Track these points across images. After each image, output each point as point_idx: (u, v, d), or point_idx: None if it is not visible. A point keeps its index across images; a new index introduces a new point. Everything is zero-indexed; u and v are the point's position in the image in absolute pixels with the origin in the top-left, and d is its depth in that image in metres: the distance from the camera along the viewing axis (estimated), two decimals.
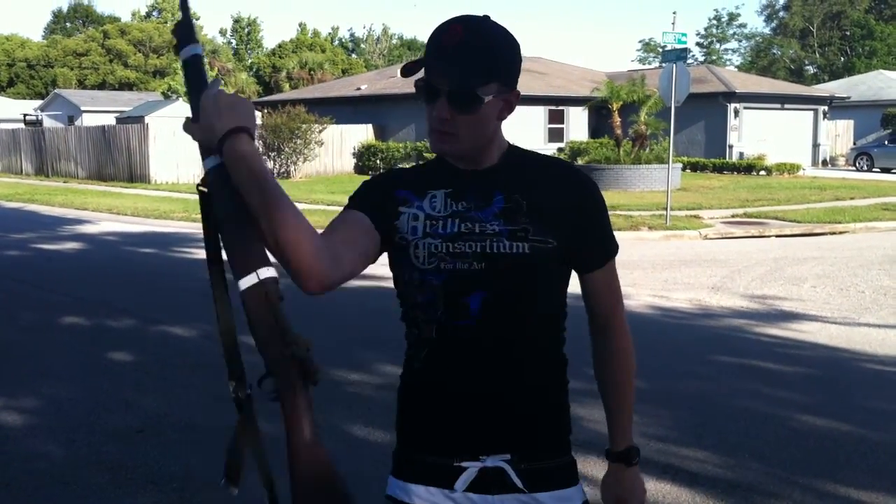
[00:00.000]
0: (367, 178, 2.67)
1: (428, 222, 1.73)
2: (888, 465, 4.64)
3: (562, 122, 33.47)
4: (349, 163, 31.46)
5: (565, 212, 1.74)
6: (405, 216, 1.75)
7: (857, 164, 33.31)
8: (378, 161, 30.68)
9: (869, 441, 5.04)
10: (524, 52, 1.83)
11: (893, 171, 31.70)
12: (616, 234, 1.88)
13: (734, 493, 4.26)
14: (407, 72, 1.74)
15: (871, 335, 7.83)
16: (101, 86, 66.50)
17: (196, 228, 16.50)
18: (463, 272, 1.69)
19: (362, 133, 31.77)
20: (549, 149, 32.61)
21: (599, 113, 30.97)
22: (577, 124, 33.85)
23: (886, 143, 33.83)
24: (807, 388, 6.22)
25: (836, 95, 38.13)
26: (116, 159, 28.37)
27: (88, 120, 45.24)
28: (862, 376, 6.62)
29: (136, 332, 7.91)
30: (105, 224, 17.37)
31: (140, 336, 7.78)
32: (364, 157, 31.29)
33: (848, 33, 73.28)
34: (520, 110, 1.96)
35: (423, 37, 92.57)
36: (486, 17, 1.71)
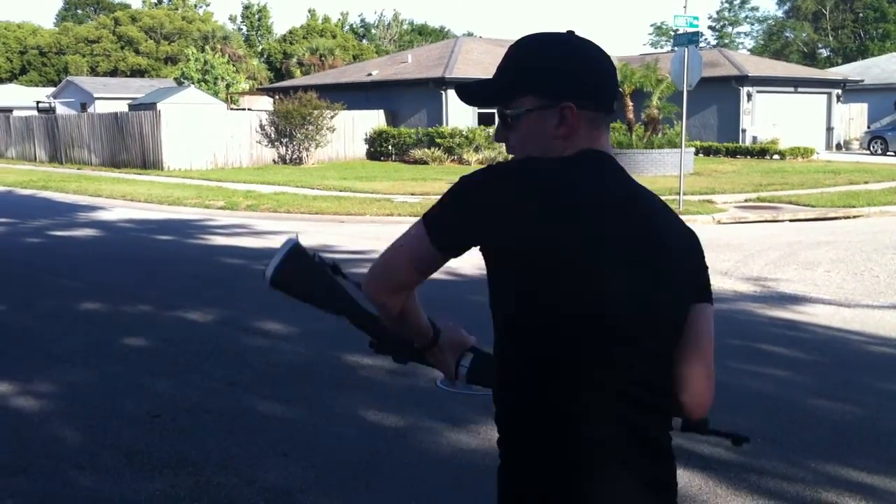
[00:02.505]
0: (378, 163, 2.78)
1: None
2: None
3: None
4: (361, 148, 31.45)
5: None
6: None
7: (872, 148, 33.10)
8: (390, 147, 30.67)
9: (882, 426, 5.04)
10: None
11: None
12: None
13: (746, 477, 4.28)
14: None
15: (886, 319, 7.81)
16: (113, 73, 66.69)
17: (209, 214, 16.56)
18: None
19: (374, 119, 31.75)
20: None
21: None
22: None
23: None
24: (820, 373, 6.22)
25: (850, 79, 37.86)
26: (129, 146, 28.44)
27: (101, 107, 45.38)
28: (876, 360, 6.61)
29: (151, 318, 7.96)
30: (119, 211, 17.44)
31: (155, 322, 7.82)
32: (376, 143, 31.29)
33: (861, 16, 72.75)
34: None
35: (434, 22, 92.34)
36: (567, 33, 1.72)
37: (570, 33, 1.71)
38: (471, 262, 2.50)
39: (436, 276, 1.75)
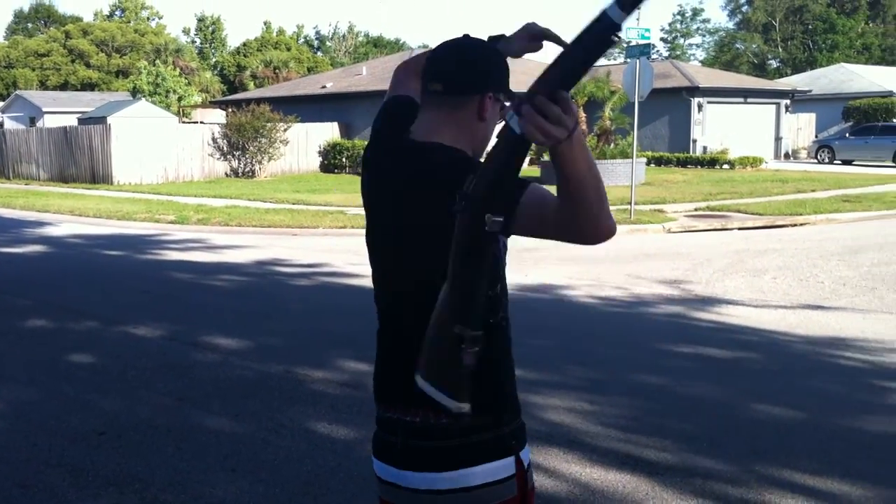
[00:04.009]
0: (332, 176, 2.86)
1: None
2: (842, 454, 4.73)
3: None
4: (315, 161, 31.34)
5: None
6: None
7: (819, 157, 33.72)
8: (344, 159, 30.60)
9: (824, 428, 5.13)
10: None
11: (854, 163, 32.12)
12: None
13: (692, 481, 4.33)
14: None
15: (830, 324, 7.96)
16: (64, 86, 65.76)
17: (159, 229, 16.40)
18: None
19: (328, 131, 31.67)
20: None
21: None
22: None
23: (848, 135, 34.29)
24: (765, 377, 6.32)
25: (798, 89, 38.55)
26: (79, 160, 28.06)
27: (50, 121, 44.74)
28: (819, 364, 6.73)
29: (98, 335, 7.85)
30: (67, 226, 17.20)
31: (102, 338, 7.72)
32: (330, 156, 31.20)
33: (810, 27, 74.12)
34: None
35: (389, 34, 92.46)
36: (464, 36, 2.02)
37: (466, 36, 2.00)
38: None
39: None
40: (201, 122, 35.96)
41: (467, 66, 1.97)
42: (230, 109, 31.76)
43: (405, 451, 1.94)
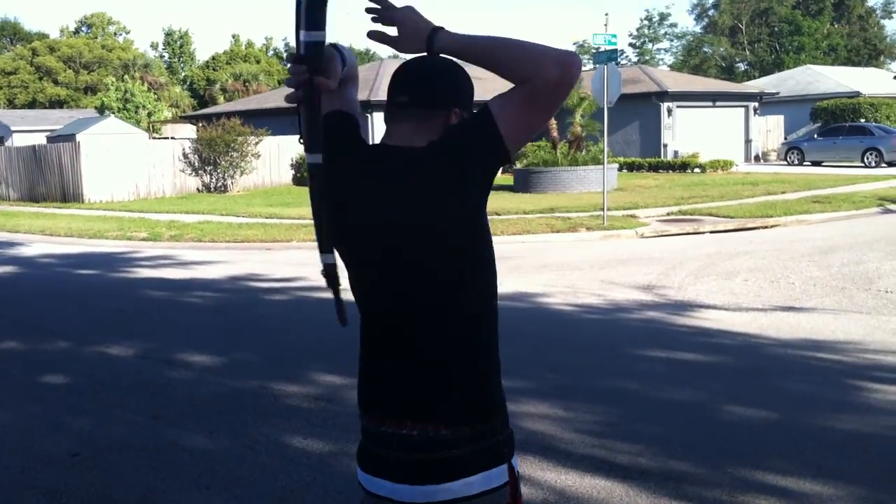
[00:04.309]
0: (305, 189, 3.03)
1: None
2: (814, 453, 4.77)
3: None
4: (288, 174, 31.25)
5: None
6: None
7: (789, 159, 34.03)
8: None
9: (796, 428, 5.18)
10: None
11: (824, 164, 32.45)
12: (555, 235, 2.07)
13: (665, 485, 4.36)
14: None
15: (801, 324, 8.04)
16: (32, 104, 65.27)
17: (131, 247, 16.30)
18: None
19: (300, 144, 31.53)
20: None
21: None
22: None
23: (816, 136, 34.64)
24: (737, 379, 6.37)
25: (766, 91, 38.94)
26: (48, 179, 27.82)
27: (19, 140, 44.39)
28: (791, 364, 6.79)
29: (70, 355, 7.79)
30: (38, 246, 17.06)
31: (74, 358, 7.66)
32: (303, 169, 31.08)
33: (776, 29, 74.91)
34: None
35: (359, 44, 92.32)
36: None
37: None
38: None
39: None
40: (172, 138, 35.75)
41: (436, 79, 2.03)
42: (201, 124, 31.63)
43: (401, 465, 1.94)
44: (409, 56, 2.05)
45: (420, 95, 2.01)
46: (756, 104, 36.77)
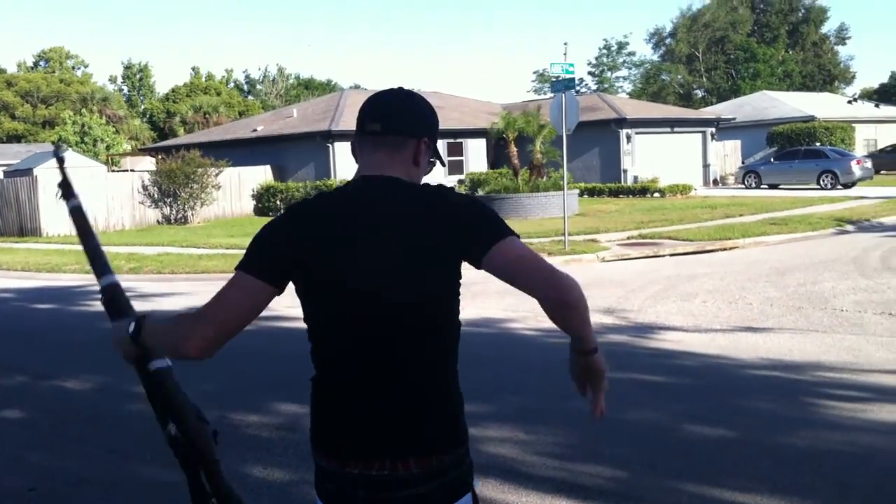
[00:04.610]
0: (266, 219, 3.11)
1: None
2: (770, 470, 4.83)
3: (461, 154, 33.87)
4: (248, 205, 31.16)
5: None
6: None
7: (746, 182, 34.50)
8: (278, 202, 30.48)
9: (753, 446, 5.24)
10: (423, 86, 2.14)
11: (780, 187, 32.95)
12: None
13: None
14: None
15: (759, 344, 8.14)
16: None
17: (89, 280, 16.11)
18: None
19: (261, 174, 31.54)
20: (450, 181, 32.92)
21: (498, 144, 31.49)
22: (477, 156, 34.31)
23: (773, 160, 35.16)
24: (696, 398, 6.43)
25: (723, 117, 39.55)
26: (5, 214, 27.48)
27: None
28: (748, 383, 6.87)
29: (26, 389, 7.69)
30: None
31: (31, 392, 7.56)
32: (264, 199, 31.04)
33: (732, 57, 76.19)
34: None
35: (320, 76, 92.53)
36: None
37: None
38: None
39: None
40: (131, 170, 35.53)
41: (406, 109, 2.10)
42: (160, 156, 31.47)
43: (369, 502, 1.96)
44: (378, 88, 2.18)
45: (392, 124, 2.07)
46: (713, 130, 37.31)
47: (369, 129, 2.08)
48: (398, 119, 2.07)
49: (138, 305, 9.21)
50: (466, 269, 2.04)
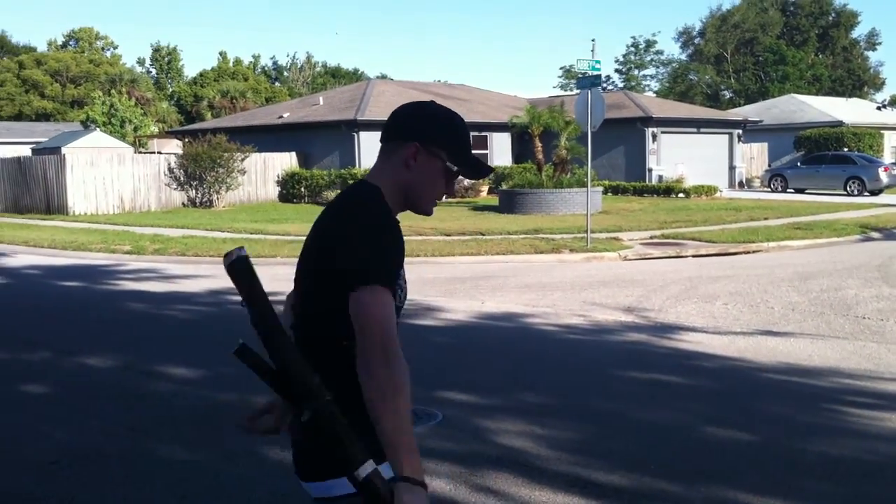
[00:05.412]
0: (290, 205, 3.02)
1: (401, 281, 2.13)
2: (785, 474, 4.84)
3: (485, 148, 33.84)
4: (273, 191, 31.29)
5: None
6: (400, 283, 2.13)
7: (772, 186, 34.30)
8: (302, 189, 30.60)
9: (769, 450, 5.24)
10: (450, 79, 2.16)
11: (807, 191, 32.73)
12: (538, 256, 2.16)
13: (639, 502, 4.40)
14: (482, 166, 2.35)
15: (778, 348, 8.12)
16: (18, 117, 65.08)
17: (115, 259, 16.27)
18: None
19: (286, 161, 31.66)
20: None
21: (522, 139, 31.43)
22: (501, 150, 34.27)
23: (799, 164, 34.92)
24: (713, 401, 6.43)
25: (750, 119, 39.28)
26: (33, 191, 27.76)
27: (4, 151, 44.19)
28: (767, 387, 6.86)
29: (50, 365, 7.79)
30: (22, 257, 17.01)
31: (55, 368, 7.67)
32: (288, 185, 31.17)
33: (761, 59, 75.65)
34: None
35: (347, 64, 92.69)
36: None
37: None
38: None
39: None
40: (158, 153, 35.77)
41: (397, 115, 2.23)
42: (187, 139, 31.66)
43: None
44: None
45: (387, 132, 2.22)
46: (740, 131, 37.10)
47: (380, 140, 2.26)
48: (393, 127, 2.21)
49: (162, 286, 9.41)
50: (484, 262, 2.07)
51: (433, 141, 2.18)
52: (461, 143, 2.24)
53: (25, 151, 38.68)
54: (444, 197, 2.28)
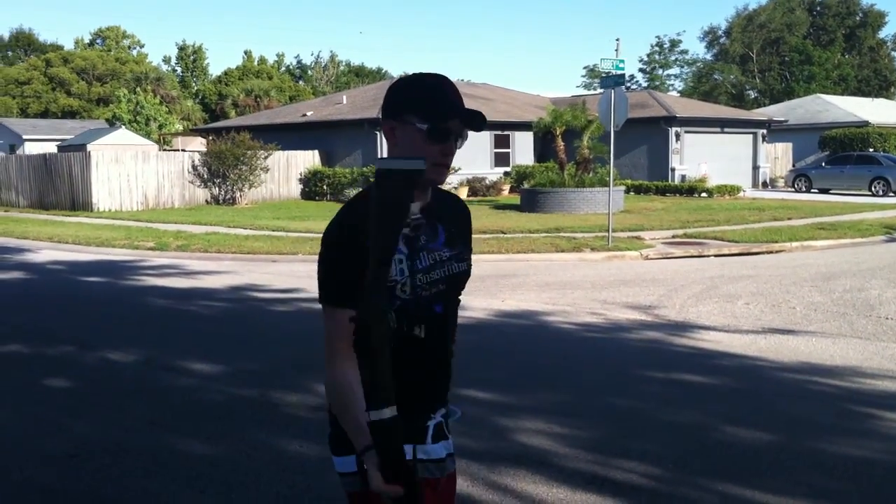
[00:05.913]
0: (313, 203, 3.00)
1: (408, 262, 2.10)
2: (806, 474, 4.80)
3: (508, 147, 33.82)
4: (296, 189, 31.43)
5: (467, 234, 2.32)
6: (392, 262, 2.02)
7: (796, 186, 34.06)
8: (325, 187, 30.69)
9: (790, 449, 5.21)
10: (473, 78, 2.11)
11: (831, 191, 32.48)
12: (559, 255, 2.14)
13: (657, 501, 4.39)
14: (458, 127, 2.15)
15: (800, 348, 8.06)
16: (44, 114, 65.73)
17: (138, 255, 16.39)
18: (435, 293, 2.15)
19: (309, 159, 31.77)
20: (496, 172, 32.90)
21: (545, 138, 31.37)
22: (523, 148, 34.23)
23: (824, 164, 34.65)
24: (733, 400, 6.39)
25: (775, 119, 39.02)
26: (58, 187, 28.02)
27: (30, 148, 44.70)
28: (787, 387, 6.81)
29: (73, 359, 7.86)
30: (46, 253, 17.17)
31: (77, 362, 7.73)
32: (311, 183, 31.28)
33: (787, 59, 75.07)
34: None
35: (371, 63, 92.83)
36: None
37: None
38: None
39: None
40: (182, 150, 35.97)
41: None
42: (211, 137, 31.83)
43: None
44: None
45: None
46: (764, 131, 36.86)
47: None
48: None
49: (185, 282, 9.46)
50: (505, 260, 2.08)
51: (401, 109, 2.10)
52: (429, 101, 2.09)
53: (51, 148, 39.07)
54: (450, 162, 2.16)
